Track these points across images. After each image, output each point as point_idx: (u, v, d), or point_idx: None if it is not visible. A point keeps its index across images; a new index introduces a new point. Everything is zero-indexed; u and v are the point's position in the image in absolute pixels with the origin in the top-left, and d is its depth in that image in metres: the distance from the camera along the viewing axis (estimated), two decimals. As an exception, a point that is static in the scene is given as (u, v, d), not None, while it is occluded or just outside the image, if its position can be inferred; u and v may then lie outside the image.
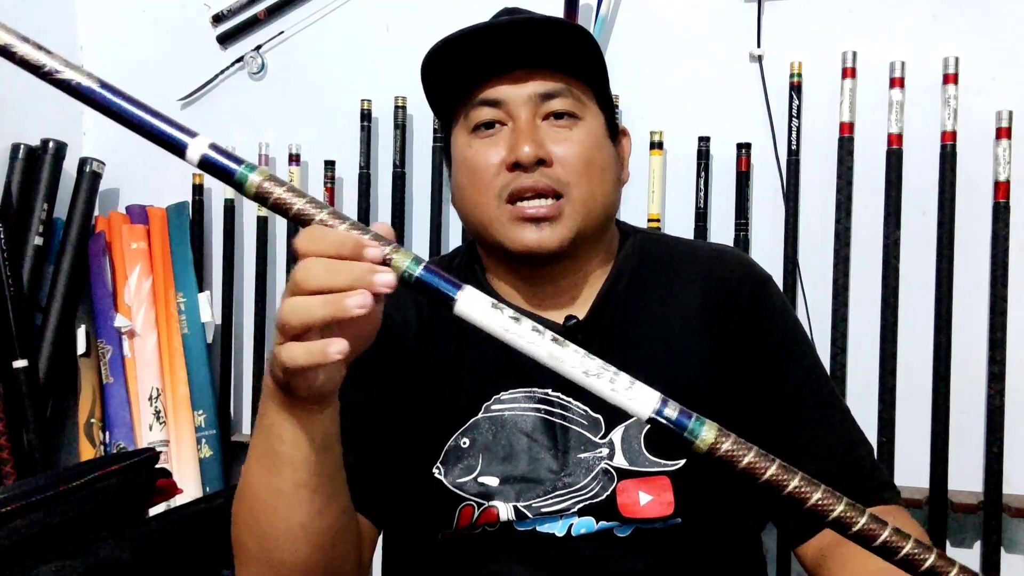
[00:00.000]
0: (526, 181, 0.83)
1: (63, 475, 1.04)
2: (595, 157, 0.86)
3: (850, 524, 0.52)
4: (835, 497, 0.53)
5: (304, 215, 0.55)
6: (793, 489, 0.53)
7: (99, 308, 1.80)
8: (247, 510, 0.71)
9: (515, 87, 0.85)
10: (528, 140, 0.83)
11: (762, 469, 0.53)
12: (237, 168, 0.54)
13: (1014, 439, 1.46)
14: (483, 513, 0.84)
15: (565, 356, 0.54)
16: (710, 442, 0.53)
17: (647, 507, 0.82)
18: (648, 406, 0.54)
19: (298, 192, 0.55)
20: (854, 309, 1.53)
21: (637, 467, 0.83)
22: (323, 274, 0.54)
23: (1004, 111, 1.45)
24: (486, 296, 0.55)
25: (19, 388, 1.68)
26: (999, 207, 1.45)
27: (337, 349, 0.55)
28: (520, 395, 0.86)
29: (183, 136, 0.54)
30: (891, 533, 0.52)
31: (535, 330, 0.54)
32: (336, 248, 0.54)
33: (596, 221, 0.87)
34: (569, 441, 0.85)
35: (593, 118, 0.88)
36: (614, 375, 0.54)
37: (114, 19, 1.99)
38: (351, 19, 1.84)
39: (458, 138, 0.90)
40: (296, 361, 0.56)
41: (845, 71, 1.52)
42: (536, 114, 0.85)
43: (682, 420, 0.53)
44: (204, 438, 1.82)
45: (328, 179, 1.80)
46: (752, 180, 1.61)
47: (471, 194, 0.87)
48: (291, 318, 0.56)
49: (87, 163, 1.84)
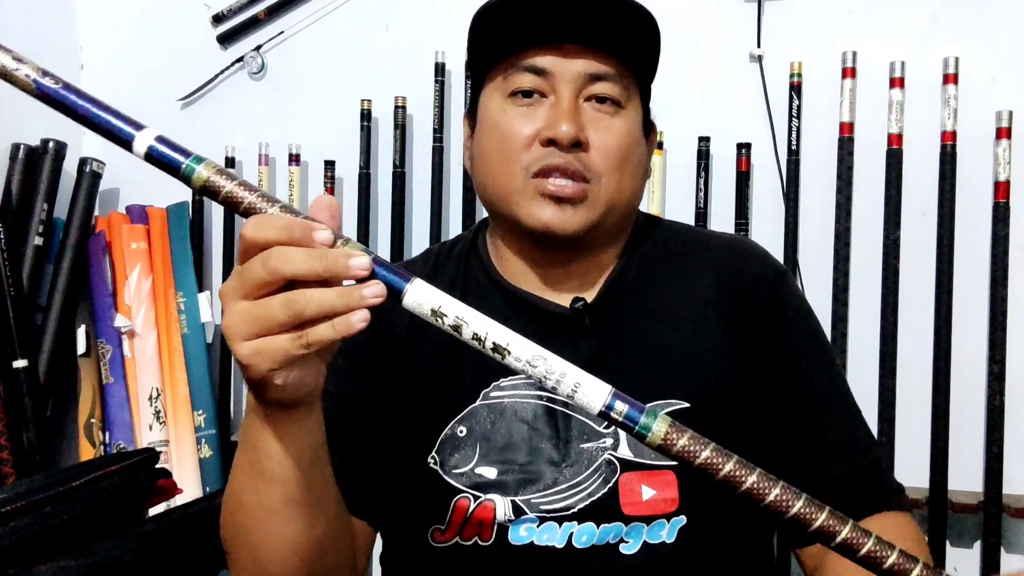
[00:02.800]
0: (558, 160, 0.79)
1: (63, 475, 1.04)
2: (631, 150, 0.82)
3: (809, 521, 0.51)
4: (793, 493, 0.51)
5: (255, 209, 0.53)
6: (750, 487, 0.51)
7: (99, 308, 1.80)
8: (236, 525, 0.69)
9: (565, 60, 0.80)
10: (569, 118, 0.78)
11: (718, 466, 0.51)
12: (184, 160, 0.52)
13: (1014, 439, 1.46)
14: (479, 507, 0.81)
15: (515, 349, 0.52)
16: (661, 437, 0.51)
17: (650, 502, 0.79)
18: (598, 400, 0.52)
19: (249, 186, 0.53)
20: (854, 309, 1.53)
21: (642, 459, 0.80)
22: (302, 260, 0.51)
23: (1004, 111, 1.45)
24: (437, 290, 0.53)
25: (19, 388, 1.68)
26: (999, 207, 1.45)
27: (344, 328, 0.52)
28: (521, 382, 0.83)
29: (129, 128, 0.52)
30: (874, 544, 0.51)
31: (485, 323, 0.52)
32: (286, 232, 0.52)
33: (618, 215, 0.84)
34: (572, 431, 0.82)
35: (634, 110, 0.83)
36: (564, 370, 0.52)
37: (114, 19, 1.99)
38: (351, 19, 1.84)
39: (490, 100, 0.84)
40: (286, 354, 0.53)
41: (845, 71, 1.52)
42: (580, 93, 0.80)
43: (633, 414, 0.52)
44: (204, 438, 1.82)
45: (328, 179, 1.80)
46: (752, 180, 1.61)
47: (496, 162, 0.82)
48: (286, 309, 0.52)
49: (87, 163, 1.84)
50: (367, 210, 1.78)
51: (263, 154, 1.84)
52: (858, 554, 0.51)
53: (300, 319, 0.52)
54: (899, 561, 0.51)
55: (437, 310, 0.52)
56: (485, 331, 0.52)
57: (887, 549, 0.51)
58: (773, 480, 0.51)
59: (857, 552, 0.51)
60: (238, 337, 0.54)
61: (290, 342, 0.53)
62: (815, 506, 0.51)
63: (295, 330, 0.53)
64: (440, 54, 1.72)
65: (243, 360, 0.54)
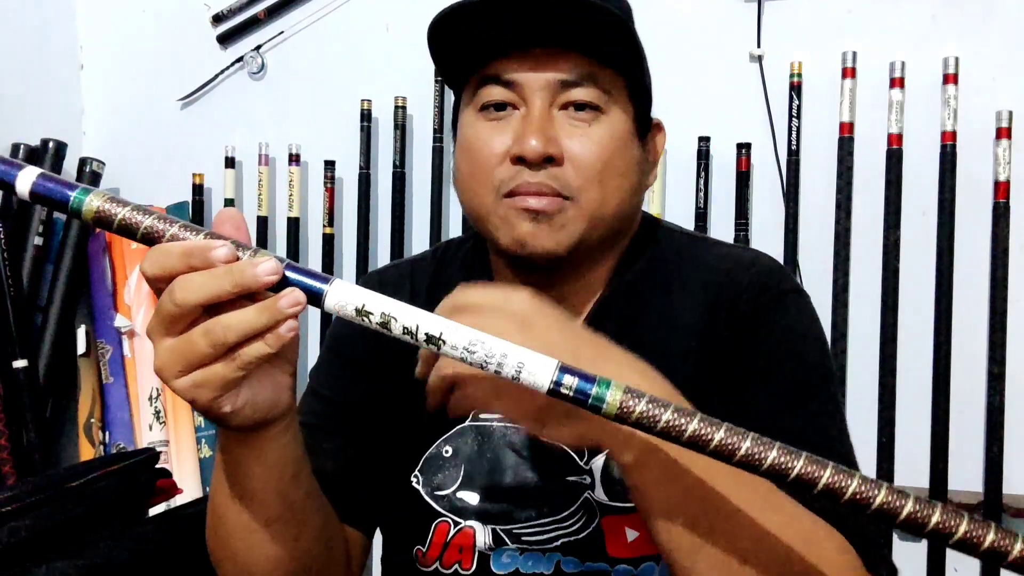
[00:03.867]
0: (529, 180, 0.73)
1: (63, 475, 1.04)
2: (614, 159, 0.75)
3: (786, 472, 0.47)
4: (766, 447, 0.47)
5: (154, 233, 0.50)
6: (718, 443, 0.47)
7: (99, 308, 1.80)
8: (220, 540, 0.68)
9: (532, 67, 0.73)
10: (537, 132, 0.72)
11: (681, 427, 0.47)
12: (71, 194, 0.49)
13: (1014, 439, 1.46)
14: (458, 533, 0.78)
15: (449, 337, 0.49)
16: (616, 406, 0.48)
17: (635, 544, 0.75)
18: (546, 376, 0.48)
19: (143, 210, 0.50)
20: (854, 309, 1.53)
21: (618, 503, 0.75)
22: (205, 284, 0.49)
23: (1004, 111, 1.45)
24: (359, 288, 0.50)
25: (19, 388, 1.68)
26: (999, 207, 1.45)
27: (286, 329, 0.50)
28: None
29: (9, 169, 0.50)
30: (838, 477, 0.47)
31: (414, 314, 0.49)
32: (185, 259, 0.49)
33: (605, 231, 0.76)
34: (556, 463, 0.77)
35: (620, 112, 0.76)
36: (504, 350, 0.49)
37: (114, 19, 1.99)
38: (351, 19, 1.84)
39: (464, 114, 0.79)
40: (223, 380, 0.51)
41: (845, 71, 1.52)
42: (553, 102, 0.74)
43: (583, 387, 0.48)
44: (204, 438, 1.82)
45: (328, 179, 1.80)
46: (752, 180, 1.61)
47: (469, 182, 0.77)
48: (208, 339, 0.50)
49: (87, 163, 1.84)
50: (367, 210, 1.78)
51: (263, 154, 1.84)
52: (842, 500, 0.47)
53: (225, 346, 0.50)
54: (887, 498, 0.47)
55: (361, 309, 0.49)
56: (415, 323, 0.49)
57: (874, 487, 0.47)
58: (742, 434, 0.48)
59: (841, 499, 0.47)
60: (171, 375, 0.52)
61: (224, 368, 0.51)
62: (792, 455, 0.47)
63: (227, 355, 0.51)
64: (440, 54, 1.72)
65: (183, 395, 0.52)
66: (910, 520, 0.47)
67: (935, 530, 0.47)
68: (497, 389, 0.55)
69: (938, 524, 0.46)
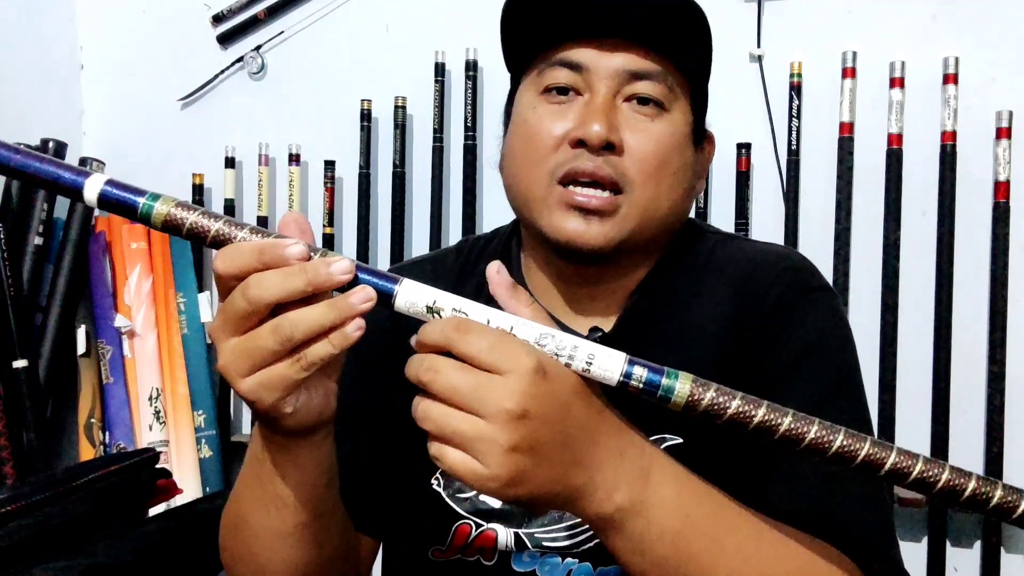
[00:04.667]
0: (586, 164, 0.71)
1: (63, 475, 1.04)
2: (672, 158, 0.74)
3: (852, 456, 0.48)
4: (832, 431, 0.48)
5: (223, 237, 0.51)
6: (786, 430, 0.48)
7: (99, 308, 1.80)
8: (241, 545, 0.67)
9: (603, 55, 0.73)
10: (600, 118, 0.71)
11: (749, 414, 0.48)
12: (139, 200, 0.50)
13: (1014, 439, 1.46)
14: (480, 535, 0.77)
15: (520, 331, 0.50)
16: (686, 396, 0.48)
17: None
18: (615, 369, 0.49)
19: (212, 214, 0.51)
20: (854, 309, 1.53)
21: None
22: (279, 282, 0.49)
23: (1004, 111, 1.45)
24: (427, 286, 0.51)
25: (19, 388, 1.68)
26: (999, 207, 1.45)
27: (354, 328, 0.50)
28: None
29: (76, 176, 0.50)
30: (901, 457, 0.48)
31: (484, 311, 0.50)
32: (258, 257, 0.50)
33: (653, 230, 0.75)
34: None
35: (681, 114, 0.76)
36: (575, 343, 0.50)
37: (114, 19, 1.99)
38: (351, 19, 1.84)
39: (523, 96, 0.77)
40: (288, 380, 0.52)
41: (845, 71, 1.52)
42: (619, 92, 0.73)
43: (652, 379, 0.49)
44: (204, 438, 1.82)
45: (328, 179, 1.80)
46: (752, 180, 1.61)
47: (522, 164, 0.75)
48: (276, 336, 0.50)
49: (87, 163, 1.84)
50: (367, 210, 1.78)
51: (263, 154, 1.84)
52: (909, 479, 0.49)
53: (293, 343, 0.50)
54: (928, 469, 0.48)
55: (432, 306, 0.50)
56: (486, 317, 0.50)
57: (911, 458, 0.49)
58: (808, 420, 0.48)
59: (908, 477, 0.49)
60: (237, 375, 0.52)
61: (289, 368, 0.51)
62: (858, 439, 0.48)
63: (292, 354, 0.51)
64: (440, 54, 1.72)
65: (248, 396, 0.52)
66: (947, 487, 0.49)
67: (971, 497, 0.48)
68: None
69: (974, 492, 0.48)
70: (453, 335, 0.50)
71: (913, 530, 1.55)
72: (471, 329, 0.50)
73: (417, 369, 0.51)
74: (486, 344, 0.50)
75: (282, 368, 0.51)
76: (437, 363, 0.50)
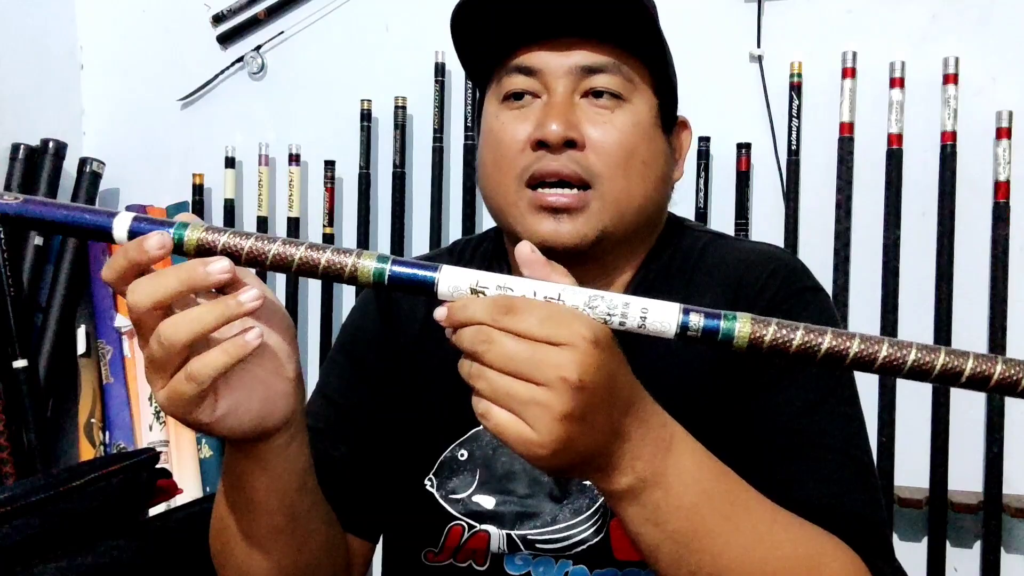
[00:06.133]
0: (550, 164, 0.72)
1: (63, 475, 1.04)
2: (637, 147, 0.74)
3: (929, 369, 0.47)
4: (903, 348, 0.47)
5: (257, 253, 0.51)
6: (856, 354, 0.47)
7: (99, 308, 1.80)
8: (224, 547, 0.67)
9: (555, 55, 0.73)
10: (557, 116, 0.71)
11: (815, 344, 0.47)
12: (169, 232, 0.51)
13: (1014, 439, 1.46)
14: (473, 536, 0.77)
15: (568, 297, 0.50)
16: (748, 335, 0.48)
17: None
18: (672, 319, 0.48)
19: (242, 233, 0.51)
20: (854, 309, 1.53)
21: None
22: (151, 285, 0.50)
23: (1004, 111, 1.45)
24: (466, 269, 0.51)
25: (19, 388, 1.68)
26: (999, 207, 1.45)
27: (252, 336, 0.50)
28: None
29: (103, 218, 0.51)
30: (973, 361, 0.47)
31: (529, 283, 0.50)
32: (176, 286, 0.50)
33: (629, 223, 0.75)
34: None
35: (643, 102, 0.75)
36: (626, 300, 0.49)
37: (114, 19, 1.99)
38: (351, 19, 1.84)
39: (488, 107, 0.78)
40: (181, 395, 0.51)
41: (845, 71, 1.52)
42: (575, 89, 0.74)
43: (711, 324, 0.48)
44: (204, 438, 1.82)
45: (328, 179, 1.80)
46: (752, 180, 1.61)
47: (492, 173, 0.76)
48: (158, 342, 0.50)
49: (87, 163, 1.84)
50: (367, 210, 1.78)
51: (263, 154, 1.84)
52: (990, 384, 0.48)
53: (177, 349, 0.49)
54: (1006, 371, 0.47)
55: (476, 286, 0.50)
56: (532, 289, 0.50)
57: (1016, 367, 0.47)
58: (877, 340, 0.47)
59: (990, 382, 0.48)
60: (153, 388, 0.52)
61: (184, 383, 0.50)
62: (931, 351, 0.47)
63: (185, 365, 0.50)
64: (440, 54, 1.72)
65: (162, 409, 0.53)
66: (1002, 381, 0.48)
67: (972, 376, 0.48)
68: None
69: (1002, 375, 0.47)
70: (500, 317, 0.50)
71: (913, 530, 1.55)
72: (519, 307, 0.50)
73: (471, 340, 0.50)
74: (536, 319, 0.49)
75: (175, 383, 0.50)
76: (492, 334, 0.50)
